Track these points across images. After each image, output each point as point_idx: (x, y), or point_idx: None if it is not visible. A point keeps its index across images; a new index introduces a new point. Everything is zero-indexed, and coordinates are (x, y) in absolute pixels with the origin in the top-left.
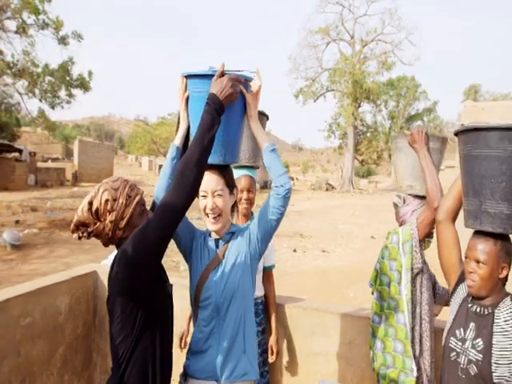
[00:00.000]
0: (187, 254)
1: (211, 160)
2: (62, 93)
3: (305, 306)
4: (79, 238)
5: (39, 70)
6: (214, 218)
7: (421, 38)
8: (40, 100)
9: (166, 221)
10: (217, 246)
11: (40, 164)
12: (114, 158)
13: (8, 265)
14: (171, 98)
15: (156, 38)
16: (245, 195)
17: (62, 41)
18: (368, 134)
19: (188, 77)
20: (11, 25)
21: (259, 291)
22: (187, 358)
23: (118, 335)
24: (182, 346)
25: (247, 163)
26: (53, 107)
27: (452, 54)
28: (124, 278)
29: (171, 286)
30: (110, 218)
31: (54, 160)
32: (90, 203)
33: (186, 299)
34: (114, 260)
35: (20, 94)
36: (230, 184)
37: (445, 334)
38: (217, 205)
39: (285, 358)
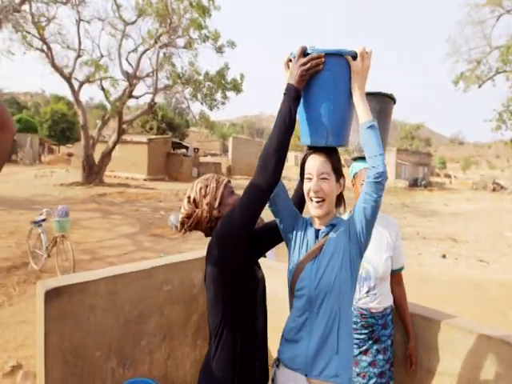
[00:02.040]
0: (287, 239)
1: (312, 141)
2: (218, 95)
3: (430, 316)
4: (184, 231)
5: (201, 77)
6: (318, 202)
7: None
8: (201, 103)
9: (251, 203)
10: (316, 237)
11: (202, 159)
12: None
13: (172, 243)
14: None
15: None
16: None
17: (219, 50)
18: None
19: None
20: (180, 42)
21: (387, 301)
22: (280, 345)
23: (211, 311)
24: None
25: None
26: (211, 109)
27: None
28: (215, 257)
29: (261, 271)
30: (205, 201)
31: (213, 155)
32: (189, 197)
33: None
34: (210, 240)
35: (186, 99)
36: (338, 170)
37: None
38: (322, 188)
39: (403, 370)
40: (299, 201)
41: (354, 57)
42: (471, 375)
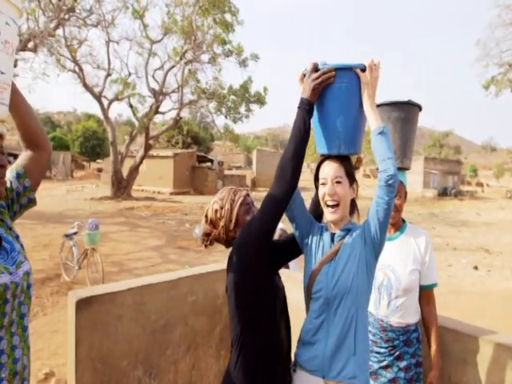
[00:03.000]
0: (303, 244)
1: (326, 151)
2: (242, 108)
3: (458, 328)
4: (205, 246)
5: (225, 91)
6: (333, 206)
7: None
8: (225, 116)
9: (269, 211)
10: (332, 241)
11: (226, 172)
12: None
13: (197, 255)
14: None
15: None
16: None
17: (243, 63)
18: None
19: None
20: (205, 57)
21: (412, 317)
22: (297, 348)
23: (232, 321)
24: None
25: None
26: (235, 122)
27: None
28: (235, 267)
29: (281, 281)
30: (221, 223)
31: (237, 168)
32: (206, 216)
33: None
34: (230, 251)
35: (211, 113)
36: (351, 175)
37: None
38: (336, 191)
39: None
40: (317, 209)
41: (363, 69)
42: None
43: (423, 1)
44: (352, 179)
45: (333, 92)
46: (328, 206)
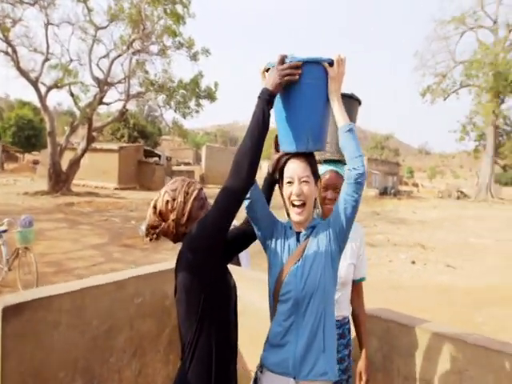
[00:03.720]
0: (266, 245)
1: (295, 148)
2: (192, 103)
3: (405, 321)
4: (150, 239)
5: (174, 84)
6: (299, 206)
7: None
8: (174, 111)
9: (225, 207)
10: (297, 240)
11: (174, 167)
12: None
13: (143, 253)
14: None
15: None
16: (329, 194)
17: (194, 57)
18: None
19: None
20: (154, 48)
21: (347, 310)
22: (264, 350)
23: (183, 324)
24: None
25: (334, 157)
26: (184, 117)
27: None
28: (187, 266)
29: (232, 278)
30: (172, 216)
31: (186, 164)
32: (155, 207)
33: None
34: (180, 250)
35: (159, 106)
36: (316, 173)
37: None
38: (303, 191)
39: (380, 378)
40: (269, 193)
41: (331, 64)
42: (447, 379)
43: (361, 9)
44: (317, 177)
45: (301, 86)
46: (294, 205)
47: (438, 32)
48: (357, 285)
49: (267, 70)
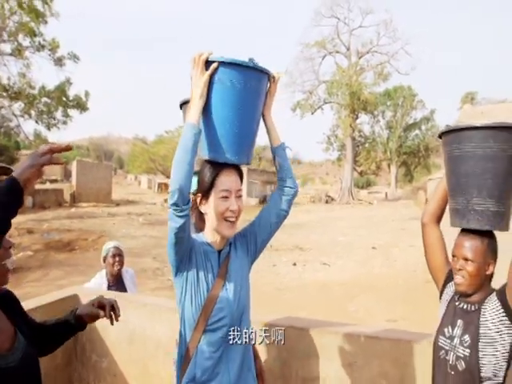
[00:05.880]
0: (183, 270)
1: (224, 159)
2: (59, 114)
3: (300, 326)
4: None
5: (35, 91)
6: (233, 221)
7: (418, 47)
8: (36, 122)
9: None
10: (219, 259)
11: (38, 186)
12: (112, 178)
13: None
14: (169, 115)
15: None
16: None
17: (58, 62)
18: (366, 145)
19: (221, 63)
20: (6, 47)
21: None
22: None
23: None
24: None
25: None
26: (49, 128)
27: (449, 61)
28: None
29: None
30: None
31: (53, 182)
32: None
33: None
34: None
35: (15, 116)
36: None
37: (434, 334)
38: (238, 206)
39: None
40: None
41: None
42: (341, 373)
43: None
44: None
45: (226, 93)
46: (228, 221)
47: (304, 53)
48: None
49: (207, 62)
